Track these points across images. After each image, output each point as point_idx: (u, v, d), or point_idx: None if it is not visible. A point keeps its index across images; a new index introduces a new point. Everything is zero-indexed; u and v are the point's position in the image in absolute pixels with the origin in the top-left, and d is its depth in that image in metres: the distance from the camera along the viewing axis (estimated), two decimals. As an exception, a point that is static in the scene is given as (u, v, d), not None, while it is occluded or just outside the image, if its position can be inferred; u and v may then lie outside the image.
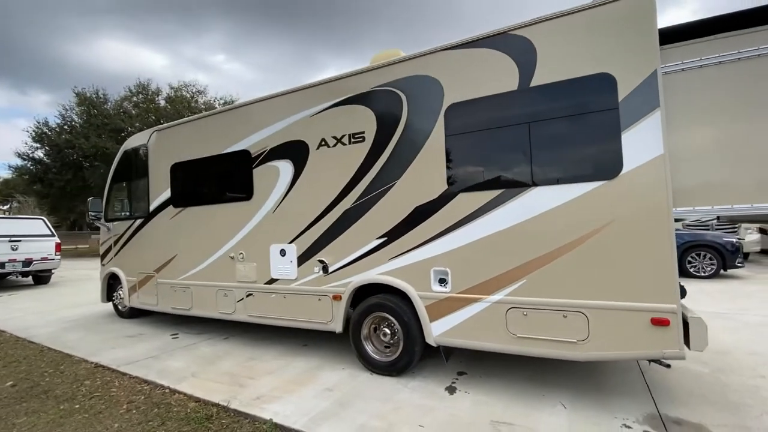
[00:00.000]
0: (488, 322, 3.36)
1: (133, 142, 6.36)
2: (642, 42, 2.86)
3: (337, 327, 4.15)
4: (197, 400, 3.49)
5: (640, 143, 2.85)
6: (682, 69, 2.95)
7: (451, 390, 3.50)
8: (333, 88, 4.23)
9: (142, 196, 6.39)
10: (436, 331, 3.60)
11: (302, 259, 4.41)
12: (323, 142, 4.27)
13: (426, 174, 3.66)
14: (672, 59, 2.97)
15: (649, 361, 3.02)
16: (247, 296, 4.85)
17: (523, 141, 3.25)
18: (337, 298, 4.16)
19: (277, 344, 4.96)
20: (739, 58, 2.82)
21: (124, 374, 4.16)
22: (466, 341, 3.48)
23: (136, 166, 6.28)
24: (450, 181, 3.54)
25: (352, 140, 4.08)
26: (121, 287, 6.62)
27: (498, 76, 3.36)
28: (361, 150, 4.02)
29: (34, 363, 4.63)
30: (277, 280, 4.61)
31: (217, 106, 28.89)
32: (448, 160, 3.56)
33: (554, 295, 3.11)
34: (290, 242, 4.50)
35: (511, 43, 3.32)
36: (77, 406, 3.50)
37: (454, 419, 2.99)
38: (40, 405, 3.54)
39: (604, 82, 2.97)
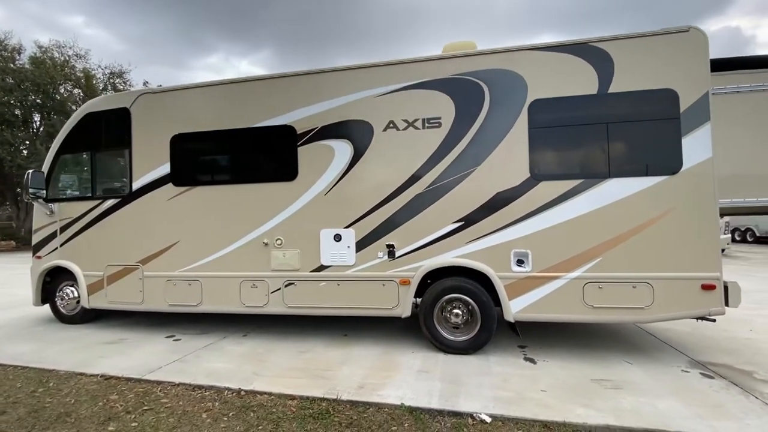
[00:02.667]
0: (567, 296, 3.79)
1: (101, 104, 5.13)
2: (698, 67, 3.61)
3: (405, 311, 4.12)
4: (292, 397, 3.12)
5: (696, 147, 3.59)
6: (725, 93, 3.82)
7: (532, 360, 3.83)
8: (405, 70, 4.18)
9: (118, 172, 5.26)
10: (515, 308, 3.88)
11: (362, 244, 4.23)
12: (391, 124, 4.18)
13: (508, 163, 3.92)
14: (718, 84, 3.82)
15: (697, 318, 3.82)
16: (287, 286, 4.42)
17: (601, 139, 3.76)
18: (405, 282, 4.13)
19: (312, 336, 4.62)
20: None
21: (160, 383, 3.43)
22: (545, 315, 3.85)
23: (106, 134, 5.09)
24: (532, 170, 3.87)
25: (427, 125, 4.10)
26: (71, 285, 5.28)
27: (579, 80, 3.82)
28: (437, 135, 4.08)
29: (6, 385, 3.45)
30: (328, 267, 4.32)
31: (100, 75, 24.25)
32: (531, 151, 3.88)
33: (625, 270, 3.68)
34: (347, 227, 4.27)
35: (592, 53, 3.80)
36: (134, 424, 2.80)
37: (561, 382, 3.32)
38: (79, 430, 2.73)
39: (669, 96, 3.64)
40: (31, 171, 5.05)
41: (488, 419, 2.76)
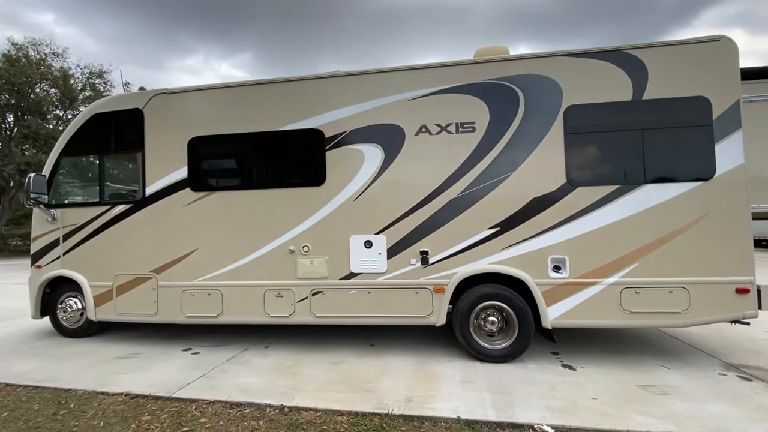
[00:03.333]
0: (604, 302, 3.78)
1: (110, 104, 4.86)
2: (729, 75, 3.70)
3: (439, 320, 4.04)
4: (340, 413, 2.98)
5: (729, 153, 3.66)
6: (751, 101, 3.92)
7: (570, 367, 3.80)
8: (438, 74, 4.12)
9: (129, 176, 5.00)
10: (553, 314, 3.86)
11: (394, 250, 4.13)
12: (424, 129, 4.11)
13: (544, 168, 3.91)
14: (749, 92, 3.91)
15: (731, 321, 3.88)
16: (314, 294, 4.26)
17: (637, 145, 3.80)
18: (439, 290, 4.04)
19: (338, 347, 4.47)
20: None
21: (193, 401, 3.22)
22: (583, 321, 3.84)
23: (116, 136, 4.82)
24: (569, 175, 3.87)
25: (461, 129, 4.05)
26: (74, 297, 4.96)
27: (614, 86, 3.85)
28: (471, 140, 4.03)
29: (22, 408, 3.17)
30: (358, 274, 4.20)
31: (80, 75, 23.33)
32: (567, 157, 3.88)
33: (662, 275, 3.71)
34: (378, 233, 4.16)
35: (626, 60, 3.84)
36: (176, 446, 2.61)
37: (607, 389, 3.29)
38: (118, 455, 2.52)
39: (702, 103, 3.71)
40: (32, 175, 4.72)
41: (551, 430, 2.70)
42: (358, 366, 3.93)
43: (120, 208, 4.73)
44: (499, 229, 3.96)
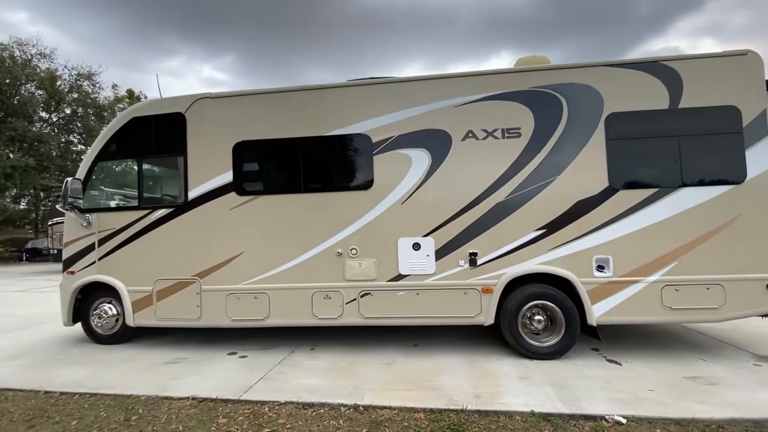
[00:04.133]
0: (646, 299, 3.98)
1: (150, 108, 4.83)
2: (756, 86, 3.97)
3: (488, 319, 4.16)
4: (415, 410, 3.06)
5: (758, 158, 3.93)
6: None
7: (616, 362, 3.98)
8: (485, 81, 4.28)
9: (169, 180, 4.98)
10: (598, 312, 4.03)
11: (442, 252, 4.25)
12: (470, 134, 4.26)
13: (587, 172, 4.10)
14: None
15: (762, 315, 4.11)
16: (362, 296, 4.33)
17: (674, 150, 4.03)
18: (487, 290, 4.18)
19: (383, 347, 4.54)
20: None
21: (263, 402, 3.25)
22: (627, 318, 4.03)
23: (157, 140, 4.80)
24: (611, 179, 4.06)
25: (506, 135, 4.22)
26: (109, 302, 4.89)
27: (652, 95, 4.08)
28: (517, 145, 4.19)
29: (90, 415, 3.14)
30: (406, 276, 4.29)
31: (67, 76, 22.72)
32: (609, 161, 4.08)
33: (699, 272, 3.94)
34: (425, 235, 4.27)
35: (662, 71, 4.08)
36: (267, 446, 2.65)
37: (659, 382, 3.48)
38: (212, 456, 2.54)
39: (733, 112, 3.97)
40: (70, 179, 4.65)
41: (623, 420, 2.85)
42: (410, 365, 4.01)
43: (160, 212, 4.70)
44: (545, 230, 4.12)
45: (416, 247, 4.28)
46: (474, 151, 4.24)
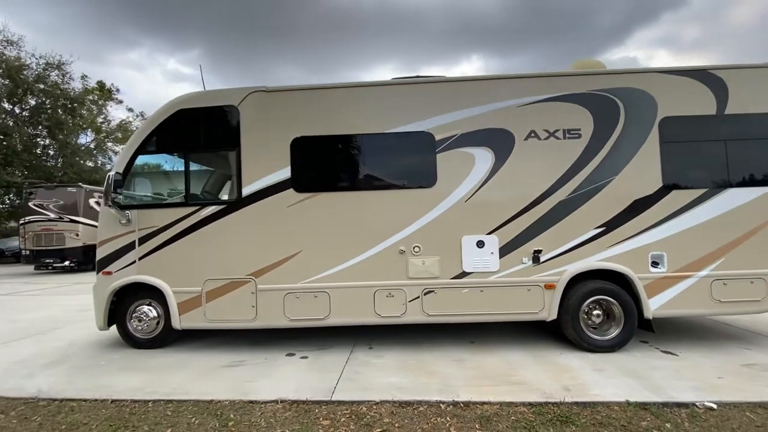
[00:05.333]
0: (697, 293, 4.23)
1: (198, 100, 4.61)
2: (793, 95, 4.32)
3: (551, 315, 4.28)
4: (513, 404, 3.11)
5: (795, 162, 4.27)
6: None
7: (671, 353, 4.19)
8: (547, 83, 4.40)
9: (220, 176, 4.77)
10: (653, 306, 4.24)
11: (505, 250, 4.33)
12: (533, 134, 4.36)
13: (643, 172, 4.29)
14: None
15: None
16: (425, 294, 4.34)
17: (721, 153, 4.30)
18: (550, 286, 4.29)
19: (442, 344, 4.55)
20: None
21: (359, 402, 3.19)
22: (679, 310, 4.27)
23: (207, 133, 4.59)
24: (664, 179, 4.28)
25: (567, 135, 4.35)
26: (148, 304, 4.63)
27: (700, 101, 4.33)
28: (577, 146, 4.34)
29: (182, 424, 2.96)
30: (470, 273, 4.34)
31: (34, 66, 21.14)
32: (663, 163, 4.30)
33: (744, 267, 4.23)
34: (489, 233, 4.34)
35: (710, 78, 4.34)
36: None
37: (723, 370, 3.70)
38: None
39: (773, 118, 4.30)
40: (113, 173, 4.36)
41: (714, 406, 3.02)
42: (480, 362, 4.05)
43: (210, 210, 4.50)
44: (605, 228, 4.29)
45: (480, 244, 4.33)
46: (536, 151, 4.35)
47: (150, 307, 4.66)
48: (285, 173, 4.44)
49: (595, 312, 4.33)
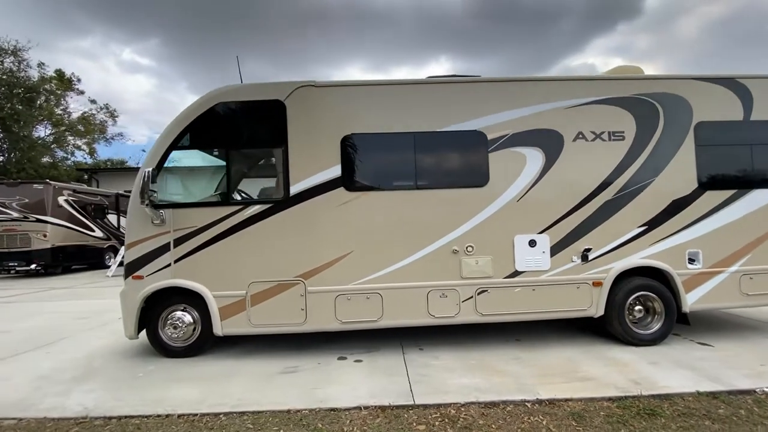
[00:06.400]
0: (727, 287, 4.51)
1: (239, 93, 4.36)
2: (808, 104, 4.69)
3: (598, 311, 4.42)
4: (596, 399, 3.18)
5: (810, 166, 4.65)
6: None
7: (707, 344, 4.45)
8: (593, 86, 4.53)
9: (265, 174, 4.56)
10: (690, 300, 4.48)
11: (556, 248, 4.42)
12: (580, 135, 4.48)
13: (680, 174, 4.52)
14: None
15: None
16: (479, 294, 4.35)
17: (747, 156, 4.62)
18: (597, 284, 4.43)
19: (490, 343, 4.58)
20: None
21: (445, 405, 3.14)
22: (713, 304, 4.55)
23: (249, 129, 4.36)
24: (699, 181, 4.53)
25: (612, 137, 4.50)
26: (182, 310, 4.33)
27: (729, 107, 4.62)
28: (621, 147, 4.50)
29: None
30: (522, 272, 4.39)
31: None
32: (698, 165, 4.54)
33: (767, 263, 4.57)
34: (541, 232, 4.41)
35: (737, 86, 4.64)
36: (498, 448, 2.59)
37: (764, 358, 3.97)
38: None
39: (792, 125, 4.66)
40: (149, 169, 4.03)
41: (774, 391, 3.23)
42: (538, 359, 4.11)
43: (255, 209, 4.27)
44: (647, 227, 4.47)
45: (532, 243, 4.39)
46: (584, 152, 4.46)
47: (183, 312, 4.36)
48: (335, 171, 4.29)
49: (637, 307, 4.51)
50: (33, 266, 13.42)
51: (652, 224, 4.48)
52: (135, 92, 55.27)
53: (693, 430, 2.76)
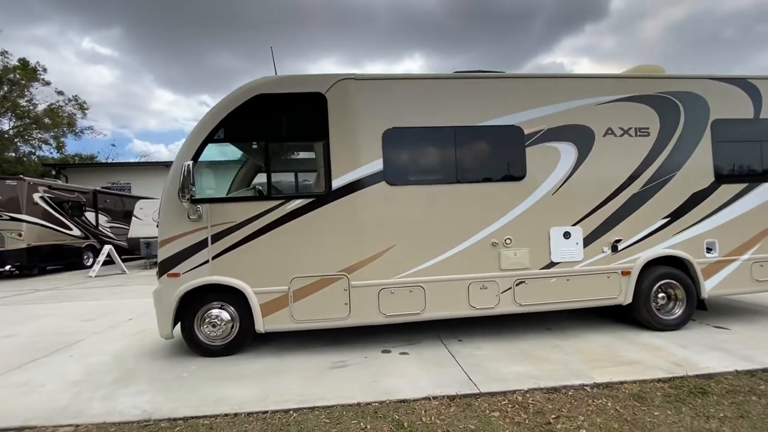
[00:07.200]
0: (740, 274, 4.84)
1: (280, 85, 4.25)
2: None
3: (627, 299, 4.63)
4: (647, 381, 3.35)
5: (810, 161, 5.04)
6: None
7: (723, 328, 4.76)
8: (621, 84, 4.72)
9: (306, 167, 4.47)
10: (708, 287, 4.78)
11: (588, 240, 4.59)
12: (609, 131, 4.66)
13: (699, 168, 4.79)
14: None
15: None
16: (517, 285, 4.46)
17: (757, 152, 4.95)
18: (626, 273, 4.64)
19: (525, 332, 4.72)
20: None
21: (511, 391, 3.23)
22: (727, 290, 4.87)
23: (290, 121, 4.27)
24: (716, 174, 4.82)
25: (638, 133, 4.71)
26: (219, 307, 4.22)
27: (741, 106, 4.94)
28: (646, 143, 4.72)
29: (344, 429, 2.76)
30: (557, 263, 4.54)
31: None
32: (714, 160, 4.83)
33: (775, 251, 4.93)
34: (574, 224, 4.57)
35: (748, 87, 4.96)
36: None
37: (777, 339, 4.30)
38: None
39: (795, 124, 5.03)
40: (189, 163, 3.88)
41: (807, 369, 3.51)
42: (576, 346, 4.27)
43: (297, 203, 4.20)
44: (670, 219, 4.72)
45: (566, 235, 4.55)
46: (613, 147, 4.65)
47: (220, 310, 4.24)
48: (377, 165, 4.27)
49: (660, 295, 4.77)
50: (7, 267, 12.60)
51: (675, 216, 4.73)
52: (97, 84, 51.88)
53: (744, 405, 2.96)
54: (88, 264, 14.92)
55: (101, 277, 12.20)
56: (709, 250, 4.80)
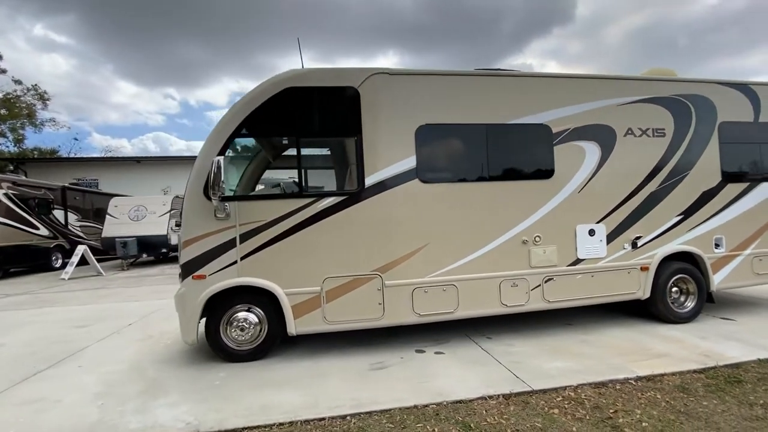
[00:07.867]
0: (743, 268, 5.14)
1: (311, 78, 4.08)
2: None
3: (645, 294, 4.81)
4: (683, 373, 3.48)
5: (803, 162, 5.41)
6: None
7: (729, 319, 5.04)
8: (641, 86, 4.87)
9: (340, 164, 4.31)
10: (716, 281, 5.04)
11: (611, 237, 4.72)
12: (630, 131, 4.81)
13: (708, 168, 5.04)
14: None
15: None
16: (546, 282, 4.53)
17: (757, 153, 5.26)
18: (645, 268, 4.81)
19: (549, 328, 4.81)
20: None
21: (563, 387, 3.25)
22: (732, 284, 5.15)
23: (322, 116, 4.11)
24: (723, 174, 5.08)
25: (655, 134, 4.89)
26: (246, 310, 4.03)
27: (743, 110, 5.23)
28: (662, 143, 4.91)
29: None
30: (583, 260, 4.64)
31: None
32: (721, 160, 5.09)
33: (773, 246, 5.26)
34: (598, 222, 4.69)
35: (749, 92, 5.26)
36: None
37: (783, 329, 4.60)
38: None
39: (790, 127, 5.37)
40: (219, 158, 3.65)
41: (818, 356, 3.76)
42: (603, 341, 4.38)
43: (329, 201, 4.06)
44: (683, 216, 4.94)
45: (591, 233, 4.65)
46: (633, 146, 4.80)
47: (247, 313, 4.05)
48: (410, 163, 4.20)
49: (674, 288, 4.98)
50: (-31, 271, 11.58)
51: (688, 213, 4.95)
52: (50, 73, 48.13)
53: (778, 392, 3.14)
54: (57, 266, 13.98)
55: (75, 280, 11.43)
56: (717, 245, 5.05)
